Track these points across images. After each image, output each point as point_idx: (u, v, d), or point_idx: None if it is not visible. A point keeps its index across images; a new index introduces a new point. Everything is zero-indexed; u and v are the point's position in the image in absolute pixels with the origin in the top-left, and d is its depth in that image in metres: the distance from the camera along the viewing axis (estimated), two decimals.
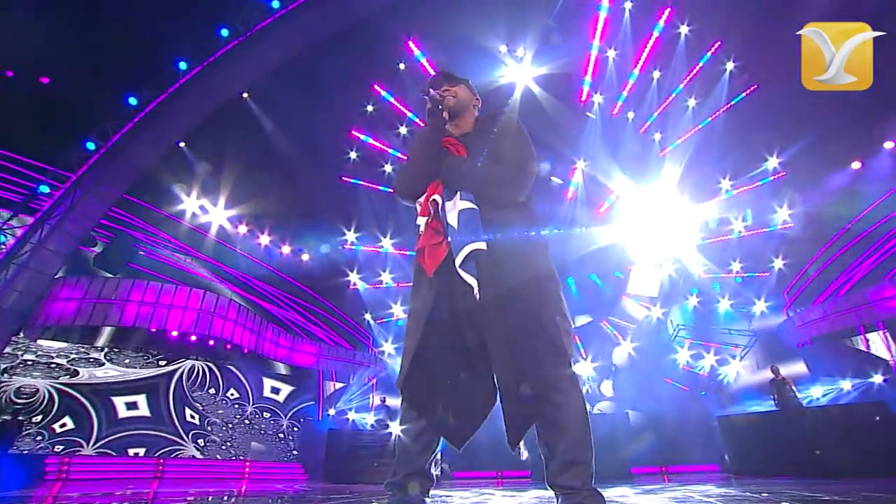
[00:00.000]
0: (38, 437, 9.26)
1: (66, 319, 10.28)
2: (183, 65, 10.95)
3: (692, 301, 13.96)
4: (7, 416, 9.13)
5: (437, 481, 1.70)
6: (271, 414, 12.08)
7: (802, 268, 12.63)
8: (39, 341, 10.21)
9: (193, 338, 11.40)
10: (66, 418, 9.65)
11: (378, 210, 14.40)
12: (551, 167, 13.60)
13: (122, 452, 9.87)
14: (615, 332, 14.39)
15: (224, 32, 11.03)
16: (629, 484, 5.97)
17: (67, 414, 9.71)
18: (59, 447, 9.33)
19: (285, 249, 14.81)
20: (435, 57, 12.50)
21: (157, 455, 10.11)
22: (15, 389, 9.48)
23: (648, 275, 13.91)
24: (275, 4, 11.09)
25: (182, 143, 12.14)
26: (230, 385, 11.77)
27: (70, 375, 10.08)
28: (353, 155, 14.33)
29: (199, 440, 10.81)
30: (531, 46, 12.00)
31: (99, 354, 10.60)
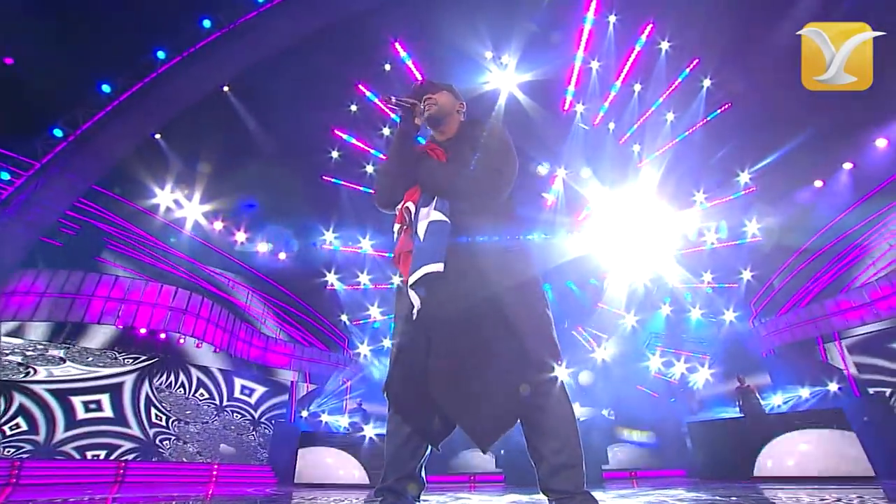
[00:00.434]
0: None
1: (25, 314, 9.76)
2: (161, 54, 10.62)
3: (665, 309, 14.33)
4: None
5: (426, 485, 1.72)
6: (242, 415, 11.75)
7: (768, 279, 13.20)
8: None
9: (163, 335, 11.00)
10: (18, 419, 9.13)
11: (358, 210, 14.27)
12: (533, 174, 13.78)
13: (80, 455, 9.39)
14: (589, 339, 14.62)
15: (206, 23, 10.77)
16: (601, 489, 6.05)
17: (20, 415, 9.18)
18: (9, 450, 8.81)
19: (262, 247, 14.51)
20: (421, 60, 12.50)
21: (118, 458, 9.67)
22: None
23: (623, 283, 14.24)
24: None
25: (157, 135, 11.75)
26: (200, 385, 11.38)
27: (25, 374, 9.55)
28: (335, 154, 14.18)
29: (165, 442, 10.41)
30: (515, 53, 12.16)
31: (59, 352, 10.08)
